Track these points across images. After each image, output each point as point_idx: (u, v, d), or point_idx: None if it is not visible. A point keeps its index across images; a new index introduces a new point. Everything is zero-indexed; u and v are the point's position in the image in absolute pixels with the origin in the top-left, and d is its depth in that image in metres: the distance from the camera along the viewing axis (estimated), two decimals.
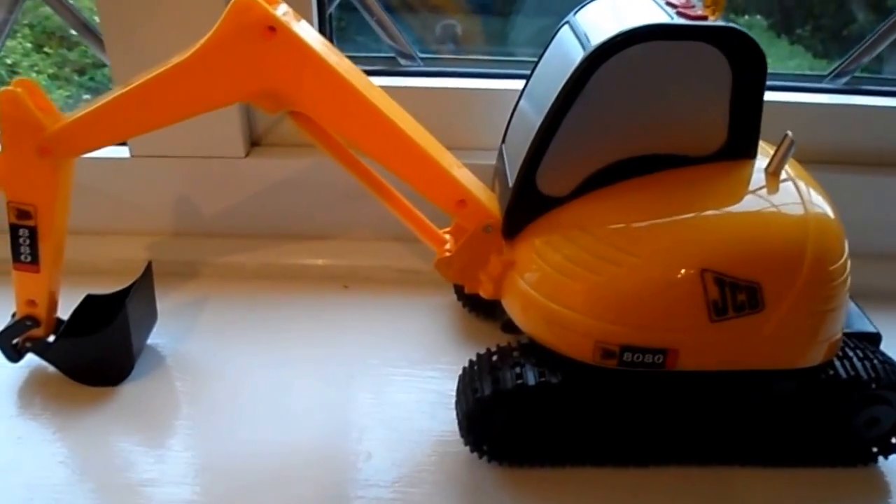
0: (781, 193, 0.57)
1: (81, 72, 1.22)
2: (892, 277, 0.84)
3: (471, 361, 0.62)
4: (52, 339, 0.69)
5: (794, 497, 0.61)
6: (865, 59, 0.88)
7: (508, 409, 0.58)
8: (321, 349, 0.75)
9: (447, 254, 0.65)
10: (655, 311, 0.55)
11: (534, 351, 0.59)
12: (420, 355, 0.74)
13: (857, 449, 0.62)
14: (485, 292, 0.65)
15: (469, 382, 0.60)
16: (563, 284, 0.57)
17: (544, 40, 0.66)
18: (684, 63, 0.55)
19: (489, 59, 0.95)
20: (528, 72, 0.68)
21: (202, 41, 0.57)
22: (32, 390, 0.69)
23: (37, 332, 0.68)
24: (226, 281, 0.84)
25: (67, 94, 1.22)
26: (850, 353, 0.60)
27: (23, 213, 0.62)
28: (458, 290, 0.80)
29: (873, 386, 0.58)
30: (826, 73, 0.89)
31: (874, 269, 0.81)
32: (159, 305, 0.76)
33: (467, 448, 0.61)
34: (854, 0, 0.98)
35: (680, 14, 0.56)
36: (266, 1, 0.57)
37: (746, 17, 1.07)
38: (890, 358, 0.61)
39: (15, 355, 0.69)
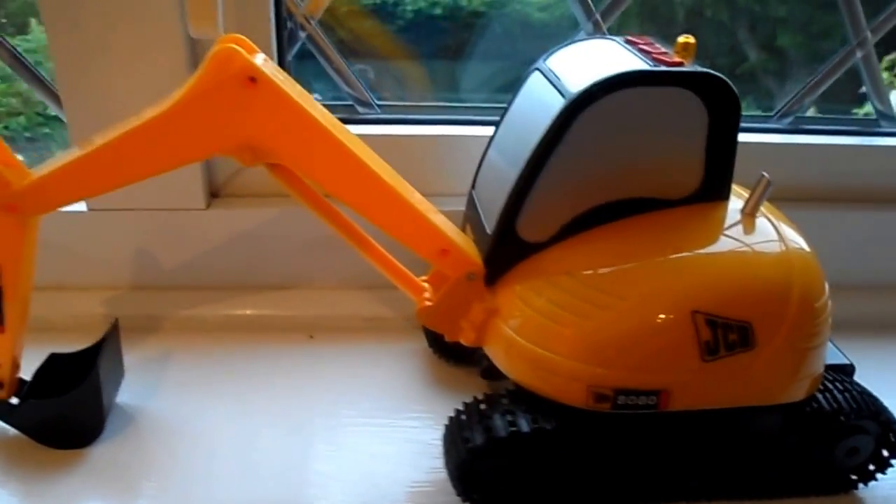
0: (759, 232, 0.59)
1: None
2: (848, 308, 0.86)
3: (458, 411, 0.61)
4: (15, 401, 0.66)
5: None
6: (808, 100, 0.91)
7: (502, 457, 0.58)
8: (291, 402, 0.73)
9: (428, 303, 0.64)
10: (649, 353, 0.55)
11: (523, 398, 0.59)
12: (393, 404, 0.73)
13: (837, 477, 0.64)
14: (466, 340, 0.64)
15: (459, 432, 0.59)
16: (551, 329, 0.57)
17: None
18: (664, 108, 0.56)
19: (444, 106, 0.95)
20: (496, 118, 0.68)
21: (180, 93, 0.55)
22: None
23: None
24: (189, 334, 0.82)
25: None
26: (831, 386, 0.61)
27: None
28: (430, 336, 0.79)
29: (853, 417, 0.60)
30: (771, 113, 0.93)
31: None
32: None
33: (454, 497, 0.60)
34: (745, 42, 1.03)
35: (656, 60, 0.57)
36: (244, 49, 0.56)
37: None
38: (865, 389, 0.62)
39: None
